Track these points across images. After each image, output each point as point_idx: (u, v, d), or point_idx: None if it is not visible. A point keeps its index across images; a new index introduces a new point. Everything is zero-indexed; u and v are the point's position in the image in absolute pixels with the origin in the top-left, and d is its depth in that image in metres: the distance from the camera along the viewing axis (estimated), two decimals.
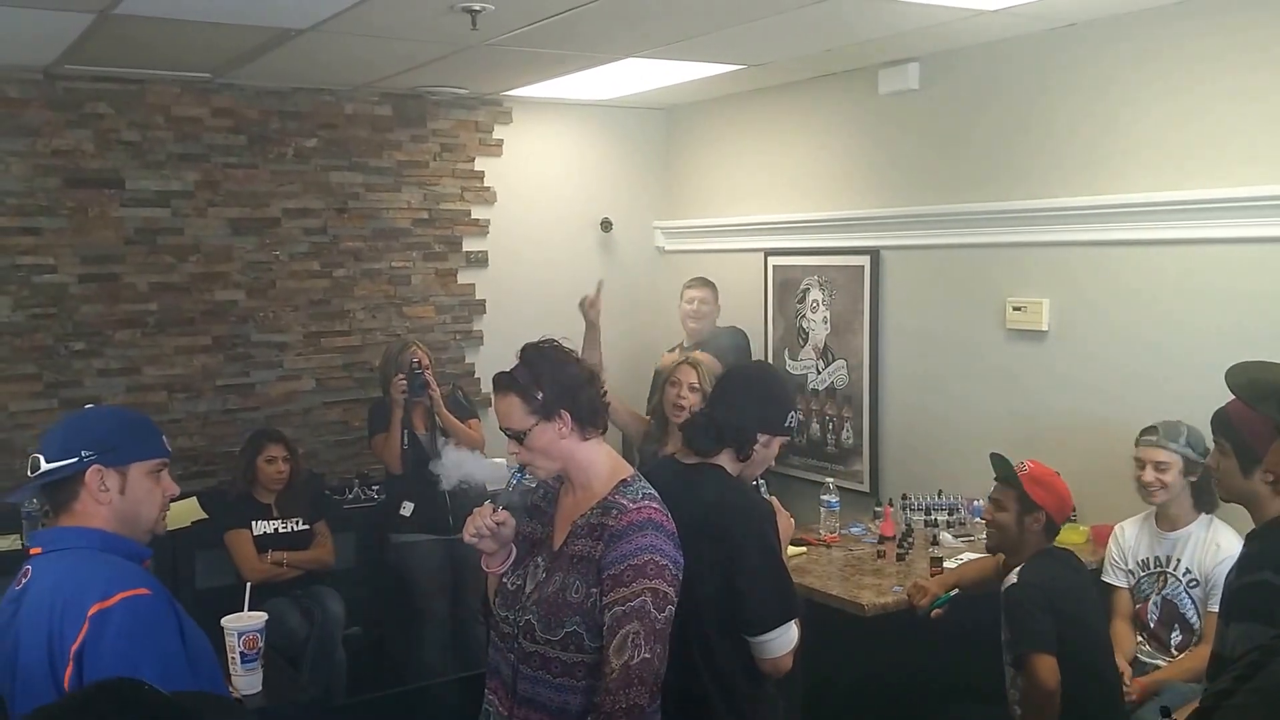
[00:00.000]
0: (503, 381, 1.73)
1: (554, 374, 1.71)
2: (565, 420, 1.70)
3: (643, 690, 1.59)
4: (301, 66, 3.68)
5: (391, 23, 2.99)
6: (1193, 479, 2.59)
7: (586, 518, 1.70)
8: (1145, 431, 2.67)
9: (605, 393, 1.80)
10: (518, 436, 1.71)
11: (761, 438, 1.96)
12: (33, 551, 1.53)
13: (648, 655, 1.60)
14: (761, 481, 2.08)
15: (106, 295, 3.85)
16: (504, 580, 1.76)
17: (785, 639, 1.83)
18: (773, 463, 2.10)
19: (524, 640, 1.69)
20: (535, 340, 1.77)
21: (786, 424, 2.01)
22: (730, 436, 1.92)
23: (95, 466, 1.50)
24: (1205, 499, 2.58)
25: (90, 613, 1.37)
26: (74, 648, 1.36)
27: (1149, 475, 2.63)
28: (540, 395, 1.69)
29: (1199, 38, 2.84)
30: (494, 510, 1.73)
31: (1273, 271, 2.72)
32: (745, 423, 1.94)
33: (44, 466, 1.50)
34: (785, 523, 2.06)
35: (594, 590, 1.64)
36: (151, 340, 3.92)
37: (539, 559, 1.75)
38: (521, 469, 1.76)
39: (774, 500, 2.08)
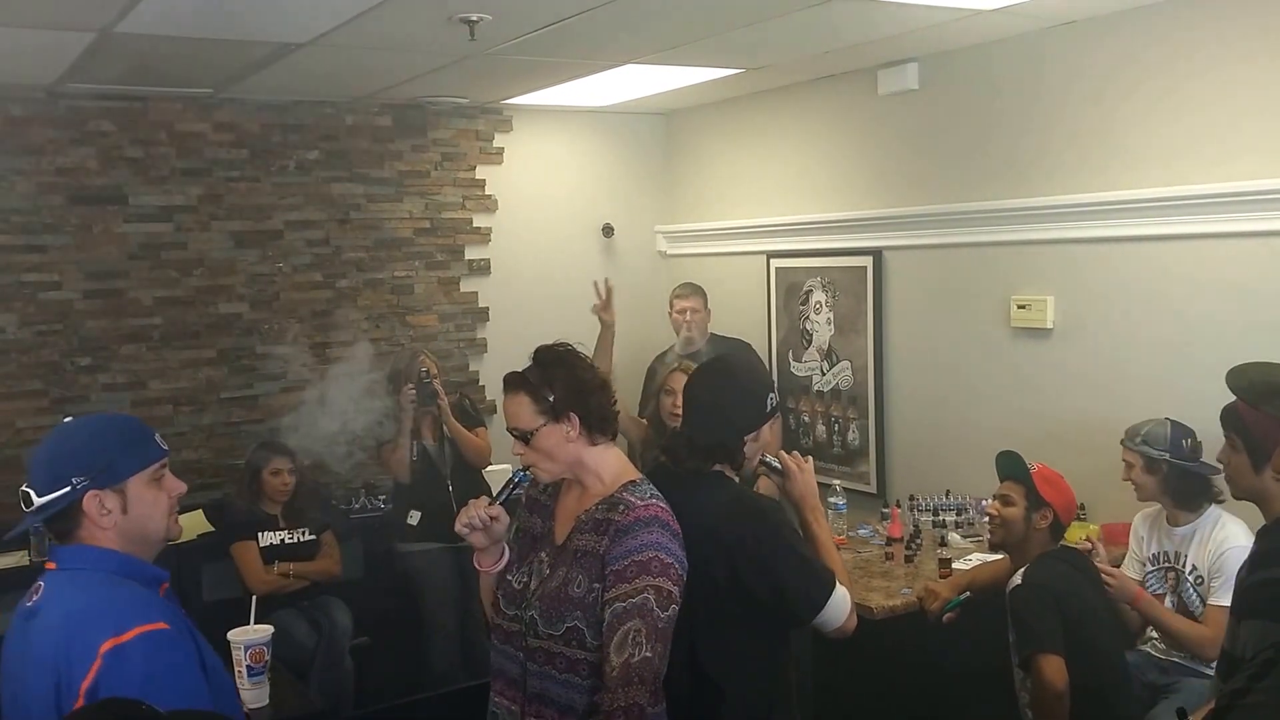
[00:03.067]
0: (514, 380, 1.73)
1: (566, 376, 1.71)
2: (573, 423, 1.70)
3: (643, 689, 1.58)
4: (302, 80, 3.69)
5: (390, 35, 3.00)
6: (1156, 475, 2.57)
7: (591, 513, 1.70)
8: (1128, 431, 2.69)
9: (615, 401, 1.79)
10: (524, 436, 1.71)
11: (748, 437, 1.87)
12: (48, 566, 1.45)
13: (649, 654, 1.59)
14: (771, 459, 1.97)
15: (111, 310, 3.87)
16: (509, 579, 1.76)
17: (840, 605, 1.81)
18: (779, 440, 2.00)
19: (529, 636, 1.69)
20: (549, 343, 1.77)
21: (768, 411, 1.89)
22: (718, 455, 1.84)
23: (91, 492, 1.40)
24: (1183, 495, 2.55)
25: (103, 649, 1.29)
26: (85, 684, 1.28)
27: (1125, 476, 2.66)
28: (551, 397, 1.70)
29: (1197, 32, 2.83)
30: (489, 504, 1.72)
31: (1276, 264, 2.70)
32: (725, 437, 1.84)
33: (36, 501, 1.40)
34: (807, 480, 1.93)
35: (596, 585, 1.64)
36: (156, 354, 3.94)
37: (542, 554, 1.74)
38: (525, 470, 1.76)
39: (782, 456, 1.96)
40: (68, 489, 1.40)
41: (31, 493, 1.42)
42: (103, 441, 1.45)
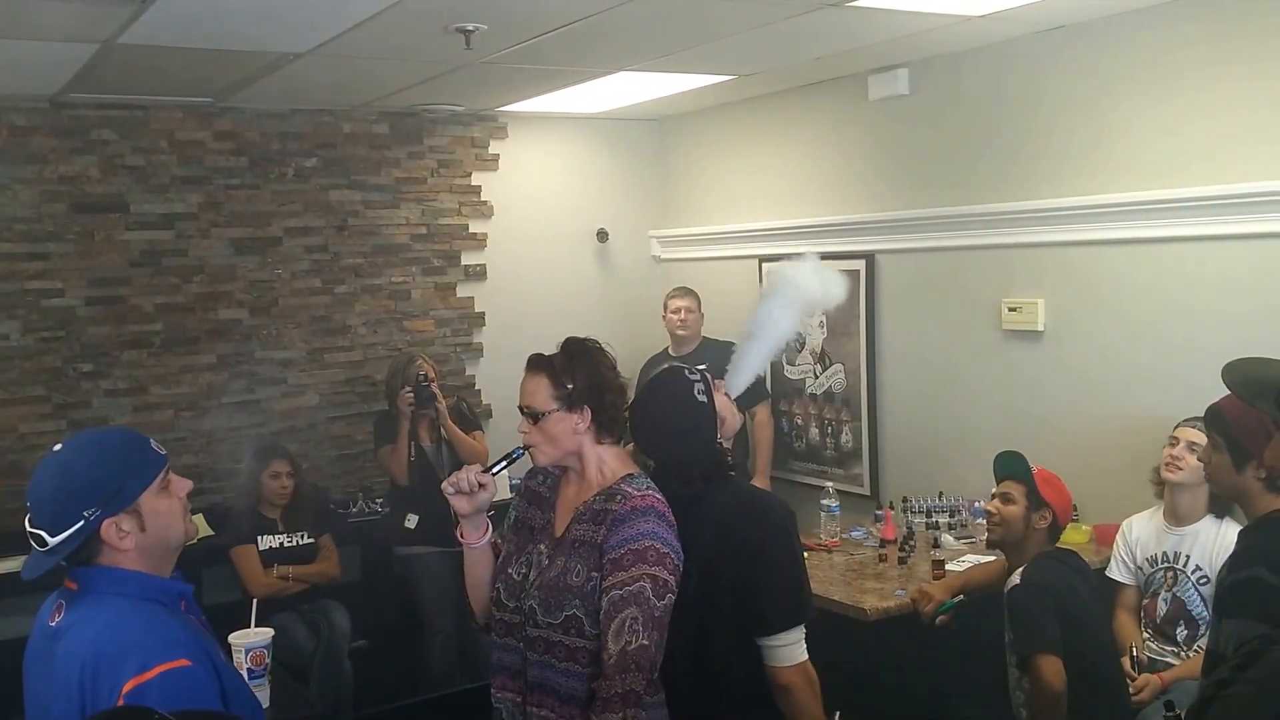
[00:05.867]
0: (537, 361, 1.77)
1: (589, 370, 1.76)
2: (585, 415, 1.74)
3: (640, 677, 1.61)
4: (300, 88, 3.73)
5: (387, 44, 3.04)
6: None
7: (590, 504, 1.74)
8: (1194, 417, 2.58)
9: (627, 407, 1.82)
10: (535, 416, 1.74)
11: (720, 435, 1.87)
12: (68, 584, 1.42)
13: (645, 642, 1.62)
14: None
15: (113, 317, 3.90)
16: (509, 570, 1.80)
17: (797, 645, 1.77)
18: (735, 408, 1.99)
19: (529, 626, 1.72)
20: (580, 336, 1.82)
21: (705, 401, 1.85)
22: (710, 471, 1.84)
23: (107, 520, 1.37)
24: (1220, 502, 2.56)
25: (125, 689, 1.27)
26: None
27: (1178, 450, 2.59)
28: (570, 385, 1.74)
29: (1185, 36, 2.87)
30: (482, 471, 1.76)
31: (1264, 267, 2.74)
32: (699, 455, 1.84)
33: (51, 542, 1.37)
34: (725, 401, 1.92)
35: (594, 574, 1.67)
36: (157, 360, 3.97)
37: (541, 546, 1.78)
38: (525, 448, 1.79)
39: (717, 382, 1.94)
40: (80, 523, 1.36)
41: (43, 533, 1.38)
42: (105, 468, 1.40)
